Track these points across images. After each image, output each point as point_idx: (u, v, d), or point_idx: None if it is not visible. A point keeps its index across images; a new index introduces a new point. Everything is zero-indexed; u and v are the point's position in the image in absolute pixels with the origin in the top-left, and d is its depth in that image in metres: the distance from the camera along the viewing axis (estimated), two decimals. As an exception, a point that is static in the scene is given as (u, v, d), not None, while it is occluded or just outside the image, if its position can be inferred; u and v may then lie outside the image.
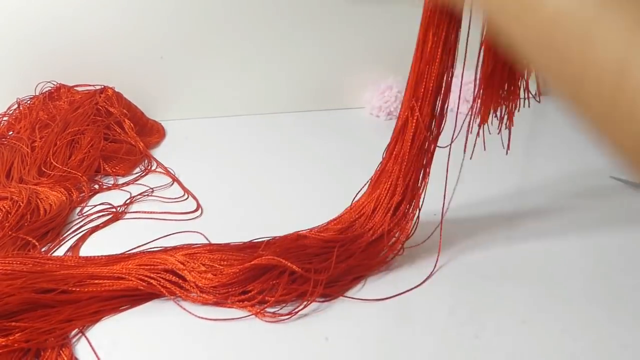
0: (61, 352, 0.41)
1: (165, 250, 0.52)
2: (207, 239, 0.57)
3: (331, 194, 0.69)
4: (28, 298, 0.44)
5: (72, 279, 0.47)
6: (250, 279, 0.46)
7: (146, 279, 0.47)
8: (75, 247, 0.56)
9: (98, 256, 0.51)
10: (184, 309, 0.46)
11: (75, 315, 0.44)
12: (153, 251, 0.53)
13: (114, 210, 0.64)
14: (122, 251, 0.56)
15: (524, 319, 0.44)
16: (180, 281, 0.47)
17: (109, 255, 0.52)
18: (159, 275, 0.48)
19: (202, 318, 0.45)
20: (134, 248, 0.54)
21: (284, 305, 0.46)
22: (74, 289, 0.46)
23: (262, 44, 0.98)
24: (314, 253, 0.50)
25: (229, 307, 0.46)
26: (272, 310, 0.45)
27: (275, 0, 0.96)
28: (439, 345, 0.42)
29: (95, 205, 0.65)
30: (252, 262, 0.46)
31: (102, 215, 0.63)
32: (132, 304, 0.47)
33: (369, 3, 0.97)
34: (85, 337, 0.43)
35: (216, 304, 0.46)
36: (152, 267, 0.48)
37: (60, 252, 0.56)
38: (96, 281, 0.47)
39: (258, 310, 0.45)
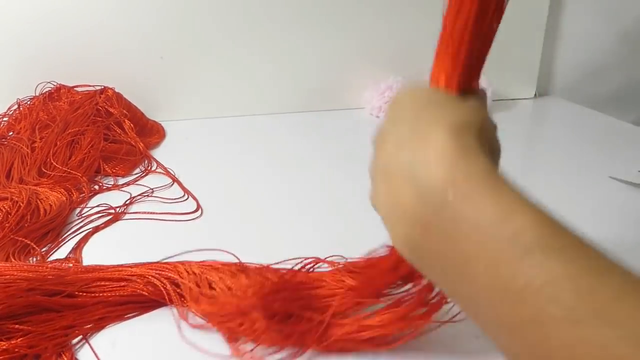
0: (63, 356, 0.40)
1: (186, 262, 0.50)
2: (236, 257, 0.53)
3: (331, 194, 0.69)
4: (33, 301, 0.43)
5: (79, 282, 0.46)
6: (242, 316, 0.43)
7: (153, 283, 0.46)
8: (77, 249, 0.56)
9: (108, 265, 0.50)
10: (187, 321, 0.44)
11: (80, 320, 0.44)
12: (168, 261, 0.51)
13: (113, 211, 0.64)
14: (123, 252, 0.56)
15: (524, 319, 0.44)
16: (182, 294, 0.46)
17: (126, 265, 0.50)
18: (167, 280, 0.46)
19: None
20: (167, 258, 0.52)
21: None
22: (80, 293, 0.45)
23: (261, 44, 0.98)
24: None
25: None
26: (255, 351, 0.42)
27: (275, 0, 0.96)
28: (438, 345, 0.42)
29: (95, 207, 0.65)
30: (243, 303, 0.43)
31: (102, 216, 0.63)
32: (139, 311, 0.46)
33: None
34: (89, 343, 0.42)
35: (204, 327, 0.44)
36: (160, 272, 0.47)
37: (61, 252, 0.56)
38: (102, 283, 0.46)
39: (237, 349, 0.41)
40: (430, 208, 0.23)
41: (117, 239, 0.59)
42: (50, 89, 0.92)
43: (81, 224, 0.61)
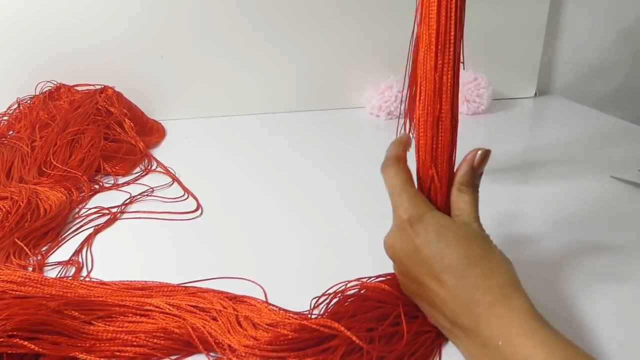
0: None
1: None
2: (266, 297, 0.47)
3: (331, 194, 0.69)
4: (47, 319, 0.40)
5: (98, 307, 0.42)
6: None
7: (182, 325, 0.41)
8: (79, 252, 0.56)
9: (131, 284, 0.47)
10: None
11: (90, 353, 0.40)
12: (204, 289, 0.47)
13: (113, 210, 0.64)
14: (123, 251, 0.56)
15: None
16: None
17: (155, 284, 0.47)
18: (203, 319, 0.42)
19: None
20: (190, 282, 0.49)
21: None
22: (96, 320, 0.41)
23: (262, 43, 0.98)
24: None
25: None
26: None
27: (275, 0, 0.96)
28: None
29: (95, 208, 0.65)
30: None
31: (103, 215, 0.63)
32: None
33: None
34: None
35: None
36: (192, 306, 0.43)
37: (61, 252, 0.56)
38: (123, 310, 0.42)
39: None
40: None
41: (117, 239, 0.59)
42: (50, 88, 0.92)
43: (82, 224, 0.61)
